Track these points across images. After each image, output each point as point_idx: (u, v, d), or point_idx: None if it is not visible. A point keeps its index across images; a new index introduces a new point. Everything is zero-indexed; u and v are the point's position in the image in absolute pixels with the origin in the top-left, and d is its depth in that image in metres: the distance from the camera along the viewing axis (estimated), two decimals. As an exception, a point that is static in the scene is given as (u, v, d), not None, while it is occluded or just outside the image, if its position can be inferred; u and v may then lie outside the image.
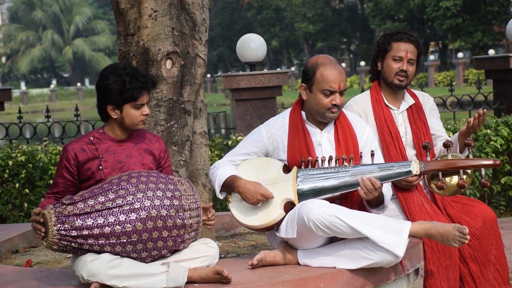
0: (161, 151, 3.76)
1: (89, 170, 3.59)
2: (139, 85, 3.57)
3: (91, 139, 3.65)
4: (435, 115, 4.42)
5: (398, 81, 4.23)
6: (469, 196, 7.01)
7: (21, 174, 7.11)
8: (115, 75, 3.57)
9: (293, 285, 3.41)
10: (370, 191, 3.61)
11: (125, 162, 3.63)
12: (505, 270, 4.18)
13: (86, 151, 3.61)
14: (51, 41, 67.57)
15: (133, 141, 3.70)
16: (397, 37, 4.25)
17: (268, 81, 8.72)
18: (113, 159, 3.62)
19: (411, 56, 4.23)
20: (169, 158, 3.84)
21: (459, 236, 3.54)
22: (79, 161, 3.59)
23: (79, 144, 3.63)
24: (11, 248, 4.97)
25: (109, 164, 3.61)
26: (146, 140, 3.74)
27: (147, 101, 3.64)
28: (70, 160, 3.60)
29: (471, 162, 3.64)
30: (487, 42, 39.37)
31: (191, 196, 3.50)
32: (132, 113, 3.60)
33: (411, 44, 4.24)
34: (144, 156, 3.69)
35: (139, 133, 3.74)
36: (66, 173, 3.61)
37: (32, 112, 47.25)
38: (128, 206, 3.36)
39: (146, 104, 3.63)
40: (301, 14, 51.67)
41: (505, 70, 8.75)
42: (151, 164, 3.69)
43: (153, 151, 3.73)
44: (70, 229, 3.33)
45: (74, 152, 3.60)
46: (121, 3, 4.55)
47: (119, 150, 3.65)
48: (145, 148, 3.71)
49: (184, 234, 3.46)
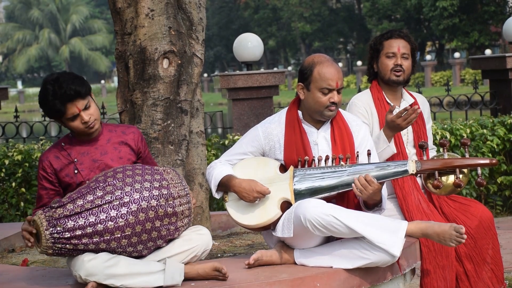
0: (137, 141, 3.72)
1: (67, 176, 3.58)
2: (56, 102, 3.47)
3: (62, 145, 3.62)
4: (429, 122, 4.44)
5: (395, 77, 4.24)
6: (466, 195, 7.02)
7: (17, 173, 7.10)
8: (41, 92, 3.51)
9: (289, 284, 3.42)
10: (364, 187, 3.59)
11: (101, 160, 3.61)
12: (500, 270, 4.19)
13: (60, 157, 3.60)
14: (47, 40, 67.50)
15: (104, 137, 3.66)
16: (387, 35, 4.29)
17: (265, 81, 8.72)
18: (88, 160, 3.60)
19: (404, 51, 4.25)
20: (147, 146, 3.80)
21: (456, 236, 3.54)
22: (55, 169, 3.58)
23: (52, 153, 3.61)
24: (7, 247, 4.97)
25: (85, 166, 3.59)
26: (119, 132, 3.70)
27: (79, 109, 3.49)
28: (46, 169, 3.59)
29: (467, 161, 3.64)
30: (484, 42, 39.41)
31: (178, 184, 3.50)
32: (72, 125, 3.55)
33: (402, 39, 4.27)
34: (120, 150, 3.66)
35: (110, 128, 3.70)
36: (47, 183, 3.60)
37: (29, 111, 47.18)
38: (117, 201, 3.36)
39: (81, 112, 3.49)
40: (298, 13, 51.66)
41: (501, 70, 8.76)
42: (129, 156, 3.66)
43: (128, 142, 3.69)
44: (62, 231, 3.32)
45: (48, 161, 3.59)
46: (118, 2, 4.55)
47: (92, 150, 3.63)
48: (119, 141, 3.67)
49: (177, 221, 3.46)
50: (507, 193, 7.47)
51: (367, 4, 45.83)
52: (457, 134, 7.21)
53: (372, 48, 4.32)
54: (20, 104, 48.21)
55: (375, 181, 3.59)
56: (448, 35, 40.91)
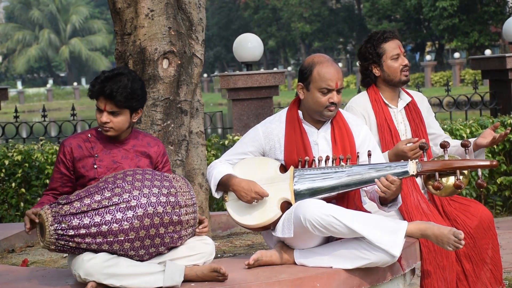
0: (159, 155, 3.75)
1: (83, 167, 3.60)
2: (95, 89, 3.54)
3: (89, 136, 3.66)
4: (432, 114, 4.46)
5: (404, 77, 4.27)
6: (466, 196, 7.02)
7: (17, 173, 7.10)
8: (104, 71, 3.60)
9: (289, 284, 3.41)
10: (388, 188, 3.60)
11: (120, 163, 3.63)
12: (498, 271, 4.19)
13: (82, 148, 3.62)
14: (47, 41, 67.50)
15: (130, 142, 3.69)
16: (383, 38, 4.27)
17: (265, 81, 8.72)
18: (108, 159, 3.62)
19: (402, 50, 4.29)
20: (168, 162, 3.81)
21: (454, 241, 3.53)
22: (74, 157, 3.61)
23: (76, 140, 3.64)
24: (7, 248, 4.96)
25: (103, 164, 3.61)
26: (144, 143, 3.73)
27: (105, 109, 3.54)
28: (66, 155, 3.61)
29: (467, 163, 3.64)
30: (484, 42, 39.40)
31: (186, 193, 3.50)
32: (96, 114, 3.60)
33: (396, 39, 4.30)
34: (140, 159, 3.68)
35: (138, 136, 3.73)
36: (63, 168, 3.63)
37: (29, 112, 47.16)
38: (124, 204, 3.36)
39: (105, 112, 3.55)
40: (298, 14, 51.66)
41: (501, 70, 8.76)
42: (147, 168, 3.67)
43: (151, 154, 3.72)
44: (67, 229, 3.33)
45: (70, 147, 3.62)
46: (117, 3, 4.55)
47: (115, 151, 3.65)
48: (142, 151, 3.70)
49: (181, 230, 3.47)
50: (507, 193, 7.47)
51: (367, 4, 45.84)
52: (457, 135, 7.21)
53: (370, 53, 4.28)
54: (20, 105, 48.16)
55: (396, 179, 3.60)
56: (448, 35, 40.91)
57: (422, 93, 4.61)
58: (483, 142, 4.19)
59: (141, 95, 3.59)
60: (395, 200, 3.77)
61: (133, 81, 3.56)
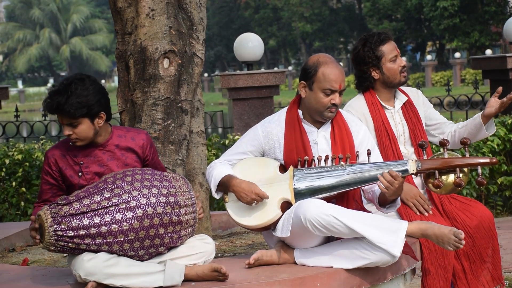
0: (146, 148, 3.69)
1: (71, 177, 3.58)
2: (46, 105, 3.50)
3: (71, 144, 3.60)
4: (430, 106, 4.45)
5: (404, 78, 4.27)
6: (466, 195, 7.02)
7: (18, 172, 7.11)
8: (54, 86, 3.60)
9: (289, 284, 3.41)
10: (391, 183, 3.58)
11: (107, 166, 3.59)
12: (497, 270, 4.20)
13: (67, 157, 3.59)
14: (48, 40, 67.50)
15: (113, 141, 3.64)
16: (380, 40, 4.24)
17: (265, 81, 8.72)
18: (94, 164, 3.58)
19: (398, 51, 4.29)
20: (156, 152, 3.78)
21: (454, 241, 3.53)
22: (60, 167, 3.58)
23: (59, 150, 3.60)
24: (7, 247, 4.97)
25: (90, 170, 3.57)
26: (128, 138, 3.67)
27: (62, 122, 3.50)
28: (51, 166, 3.59)
29: (467, 160, 3.64)
30: (484, 42, 39.38)
31: (186, 193, 3.50)
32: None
33: (391, 40, 4.29)
34: (127, 157, 3.64)
35: (120, 133, 3.67)
36: (51, 179, 3.60)
37: (29, 111, 47.18)
38: (124, 205, 3.36)
39: (64, 125, 3.50)
40: (299, 13, 51.65)
41: (502, 70, 8.76)
42: (135, 163, 3.64)
43: (136, 149, 3.66)
44: (66, 230, 3.33)
45: (54, 158, 3.58)
46: (118, 2, 4.55)
47: (100, 154, 3.61)
48: (127, 148, 3.65)
49: (181, 230, 3.46)
50: (507, 194, 7.47)
51: (368, 4, 45.81)
52: (458, 134, 7.20)
53: (369, 57, 4.26)
54: (21, 104, 48.23)
55: (399, 175, 3.59)
56: (449, 35, 40.89)
57: (422, 93, 4.60)
58: (491, 111, 4.17)
59: (96, 100, 3.48)
60: (393, 201, 3.76)
61: (83, 88, 3.46)
